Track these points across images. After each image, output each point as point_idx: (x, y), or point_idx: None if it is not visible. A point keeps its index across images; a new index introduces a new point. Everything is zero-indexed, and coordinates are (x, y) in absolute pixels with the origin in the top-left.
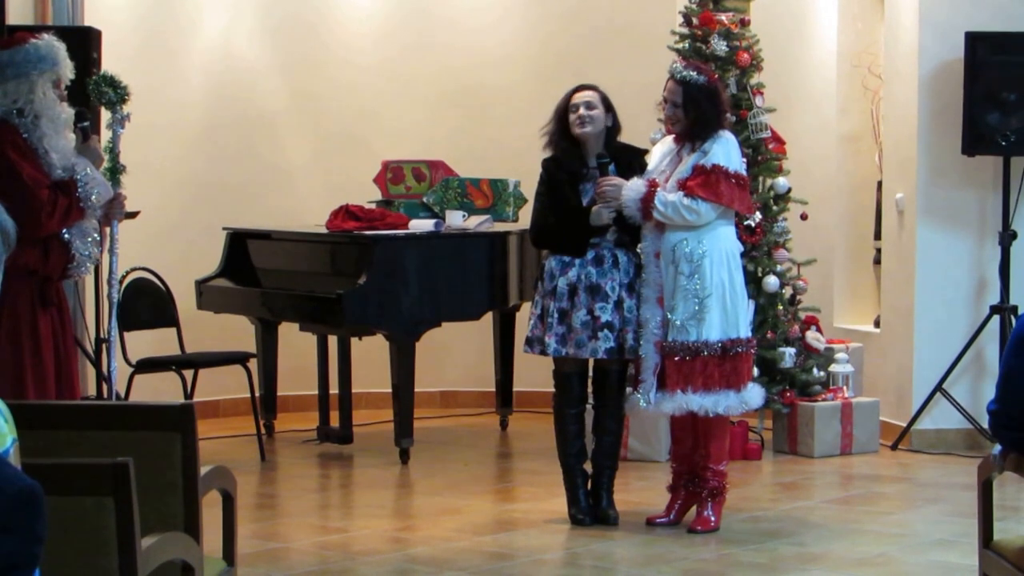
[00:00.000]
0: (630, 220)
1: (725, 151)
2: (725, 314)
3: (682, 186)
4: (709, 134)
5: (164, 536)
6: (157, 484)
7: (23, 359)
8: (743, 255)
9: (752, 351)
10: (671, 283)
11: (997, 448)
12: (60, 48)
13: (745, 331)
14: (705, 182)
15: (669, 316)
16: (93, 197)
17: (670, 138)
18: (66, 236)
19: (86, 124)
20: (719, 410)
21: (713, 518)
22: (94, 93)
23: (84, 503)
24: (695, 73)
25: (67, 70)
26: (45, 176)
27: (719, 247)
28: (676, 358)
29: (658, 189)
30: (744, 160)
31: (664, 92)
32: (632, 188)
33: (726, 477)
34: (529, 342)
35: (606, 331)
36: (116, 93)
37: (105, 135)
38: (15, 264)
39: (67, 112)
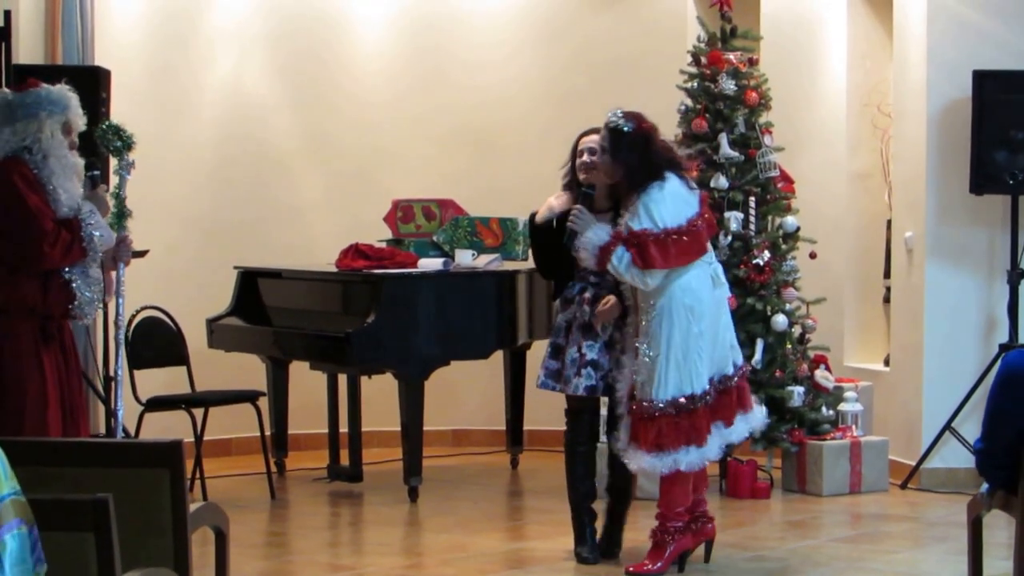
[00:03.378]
0: (582, 263)
1: (648, 211)
2: (679, 371)
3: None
4: (641, 186)
5: (146, 572)
6: (146, 521)
7: (26, 395)
8: (753, 293)
9: (708, 401)
10: (639, 340)
11: (985, 486)
12: (72, 97)
13: (703, 385)
14: (638, 252)
15: (635, 376)
16: (95, 238)
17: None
18: (67, 275)
19: (96, 173)
20: (680, 467)
21: (648, 564)
22: (101, 141)
23: (64, 539)
24: (623, 120)
25: (78, 118)
26: (51, 210)
27: (669, 302)
28: (637, 416)
29: (619, 244)
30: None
31: (599, 140)
32: (596, 232)
33: (671, 522)
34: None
35: (589, 369)
36: (123, 142)
37: (112, 180)
38: (15, 300)
39: (77, 160)
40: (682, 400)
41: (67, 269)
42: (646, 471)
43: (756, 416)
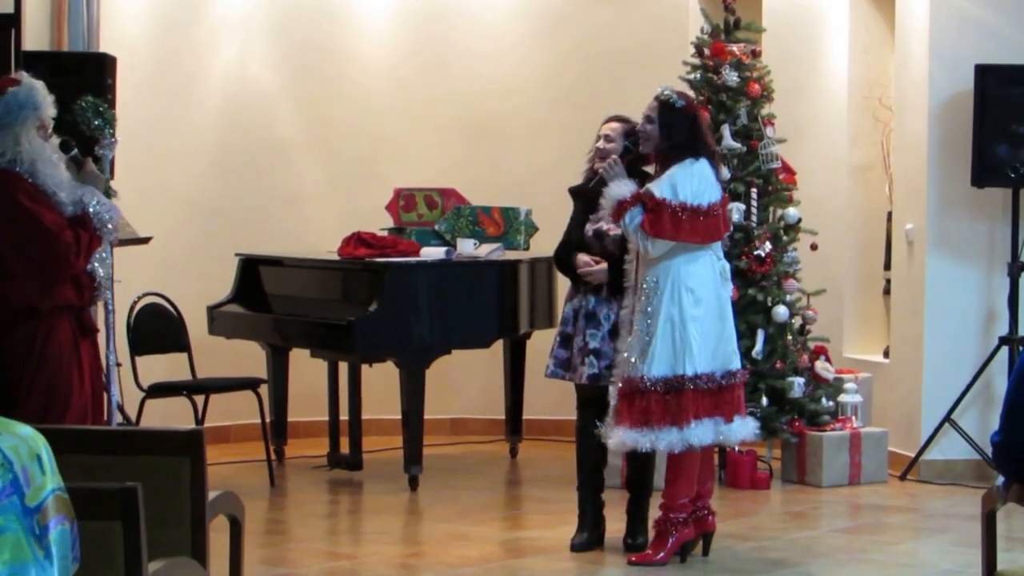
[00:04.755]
0: (601, 212)
1: (672, 182)
2: (673, 350)
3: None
4: (676, 159)
5: (171, 561)
6: (165, 509)
7: (71, 393)
8: (754, 284)
9: (702, 387)
10: (636, 317)
11: (1000, 479)
12: (38, 89)
13: (695, 368)
14: (652, 218)
15: (624, 353)
16: (108, 224)
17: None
18: (89, 266)
19: (75, 152)
20: (660, 446)
21: (651, 554)
22: (80, 119)
23: (92, 527)
24: (676, 96)
25: (49, 110)
26: (62, 217)
27: (671, 281)
28: (623, 392)
29: (637, 204)
30: (721, 185)
31: (645, 110)
32: (619, 187)
33: (675, 513)
34: (547, 364)
35: (592, 358)
36: (103, 119)
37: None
38: (55, 303)
39: (55, 148)
40: (673, 379)
41: None
42: (627, 447)
43: (747, 425)
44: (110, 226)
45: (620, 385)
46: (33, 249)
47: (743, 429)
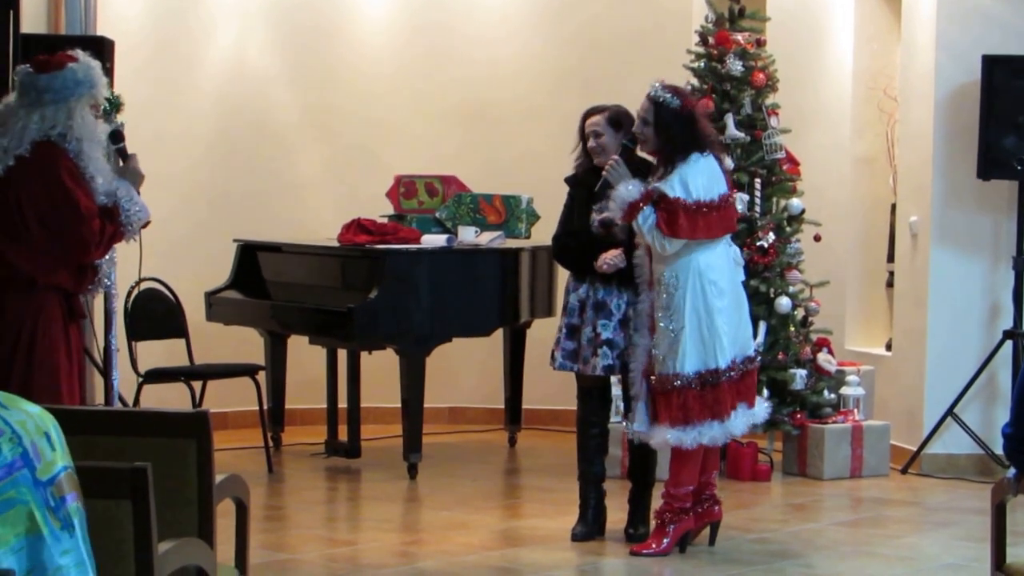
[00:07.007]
0: (609, 215)
1: (683, 180)
2: (703, 344)
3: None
4: (680, 157)
5: (180, 541)
6: (172, 490)
7: (58, 371)
8: (757, 275)
9: (733, 376)
10: (658, 315)
11: (1012, 471)
12: (96, 68)
13: (727, 359)
14: (667, 218)
15: (653, 351)
16: (134, 223)
17: None
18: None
19: (122, 145)
20: (703, 441)
21: (653, 545)
22: None
23: (102, 507)
24: (670, 95)
25: (103, 91)
26: (95, 204)
27: (692, 275)
28: (658, 391)
29: (648, 203)
30: (729, 176)
31: (639, 110)
32: (627, 189)
33: (678, 503)
34: (551, 355)
35: (605, 348)
36: (111, 104)
37: None
38: (48, 283)
39: (103, 132)
40: (706, 373)
41: None
42: (671, 445)
43: (765, 408)
44: (135, 225)
45: (652, 382)
46: (61, 227)
47: (763, 412)
